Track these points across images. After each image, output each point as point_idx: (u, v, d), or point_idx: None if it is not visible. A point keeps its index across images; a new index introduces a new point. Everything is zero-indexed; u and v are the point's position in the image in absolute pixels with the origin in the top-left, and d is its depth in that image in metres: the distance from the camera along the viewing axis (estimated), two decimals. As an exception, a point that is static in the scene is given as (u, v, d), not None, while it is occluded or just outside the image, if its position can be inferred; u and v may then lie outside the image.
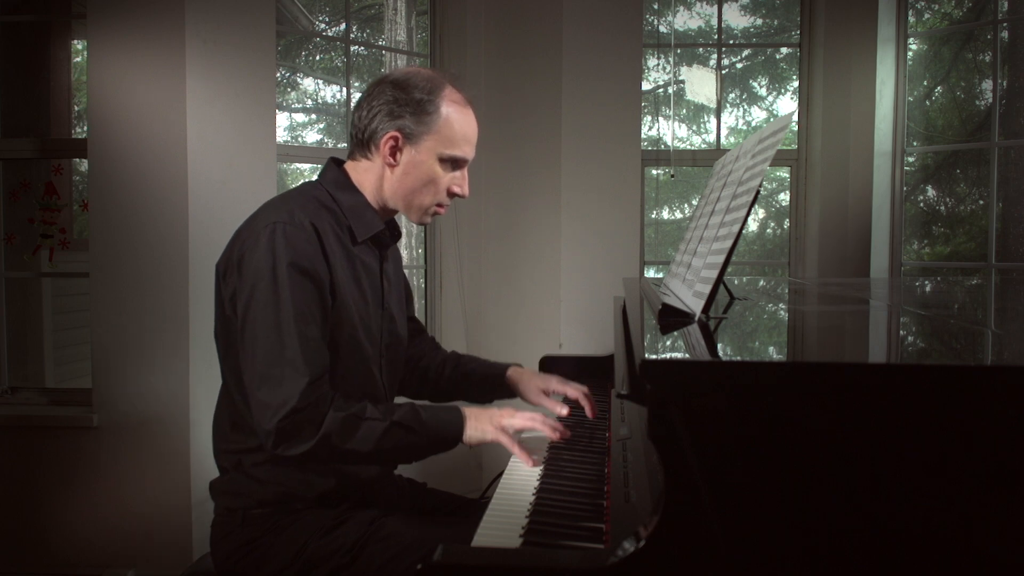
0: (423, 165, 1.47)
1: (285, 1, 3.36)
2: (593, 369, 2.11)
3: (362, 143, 1.50)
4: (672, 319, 1.20)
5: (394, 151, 1.47)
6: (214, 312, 1.47)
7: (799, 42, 3.58)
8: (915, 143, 3.62)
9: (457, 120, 1.47)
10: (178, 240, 2.59)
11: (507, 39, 3.41)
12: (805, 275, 3.50)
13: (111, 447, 2.65)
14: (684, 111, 4.80)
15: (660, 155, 3.62)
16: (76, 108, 4.41)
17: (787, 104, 4.78)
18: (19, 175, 3.14)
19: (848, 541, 0.83)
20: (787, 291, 2.06)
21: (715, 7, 3.81)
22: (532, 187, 3.37)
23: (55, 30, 4.08)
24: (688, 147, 4.38)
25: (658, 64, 4.01)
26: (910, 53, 3.51)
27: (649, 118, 4.00)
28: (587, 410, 1.62)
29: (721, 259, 1.13)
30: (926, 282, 2.75)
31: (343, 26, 3.62)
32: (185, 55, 2.57)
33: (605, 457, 1.41)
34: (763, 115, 5.00)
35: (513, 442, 1.39)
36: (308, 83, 4.44)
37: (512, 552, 1.00)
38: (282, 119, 4.35)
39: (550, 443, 1.49)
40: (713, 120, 3.98)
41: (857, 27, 3.38)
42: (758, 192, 1.13)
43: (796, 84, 3.64)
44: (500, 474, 1.37)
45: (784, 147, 3.55)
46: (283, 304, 1.33)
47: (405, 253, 3.86)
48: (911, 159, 3.63)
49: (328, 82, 4.38)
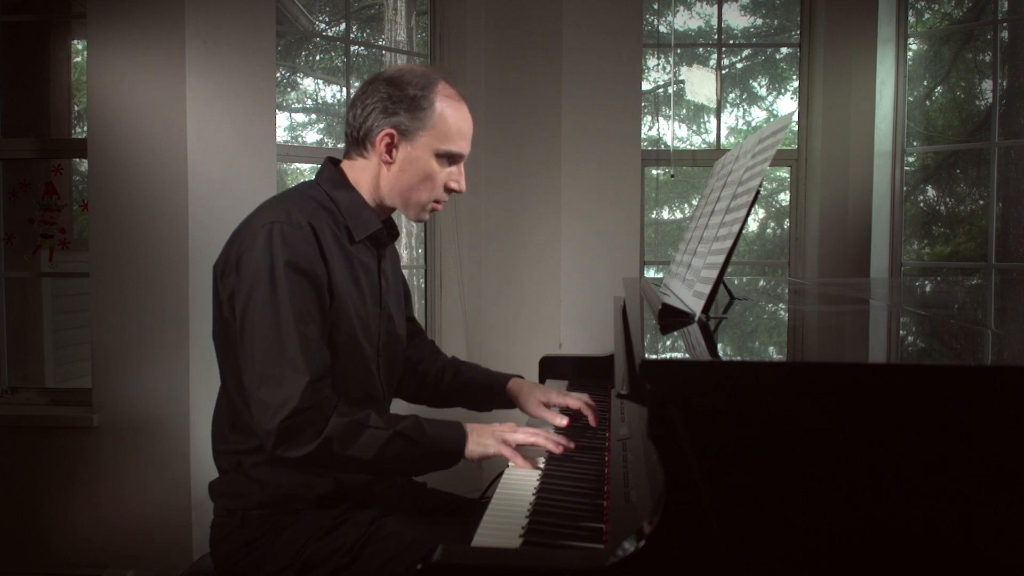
0: (419, 161, 1.47)
1: (285, 1, 3.36)
2: (593, 369, 2.11)
3: (358, 141, 1.49)
4: (672, 319, 1.20)
5: (390, 148, 1.46)
6: (212, 313, 1.46)
7: (799, 42, 3.58)
8: (915, 143, 3.62)
9: (452, 115, 1.47)
10: (178, 240, 2.59)
11: (507, 39, 3.41)
12: (805, 275, 3.50)
13: (111, 447, 2.65)
14: (684, 111, 4.80)
15: (660, 155, 3.62)
16: (76, 108, 4.41)
17: (787, 104, 4.78)
18: (19, 175, 3.14)
19: (848, 541, 0.83)
20: (787, 291, 2.06)
21: (715, 7, 3.81)
22: (532, 187, 3.37)
23: (55, 30, 4.08)
24: (688, 147, 4.38)
25: (658, 64, 4.01)
26: (910, 53, 3.51)
27: (649, 118, 4.00)
28: (590, 419, 1.61)
29: (721, 259, 1.13)
30: (926, 282, 2.75)
31: (343, 26, 3.62)
32: (185, 55, 2.57)
33: (605, 457, 1.41)
34: (763, 115, 5.00)
35: (516, 454, 1.39)
36: (308, 83, 4.44)
37: (512, 552, 1.00)
38: (282, 119, 4.35)
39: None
40: (713, 120, 3.98)
41: (857, 27, 3.38)
42: (758, 192, 1.13)
43: (796, 84, 3.64)
44: (500, 474, 1.37)
45: (784, 147, 3.55)
46: (282, 304, 1.32)
47: (405, 253, 3.86)
48: (911, 159, 3.63)
49: (328, 82, 4.38)
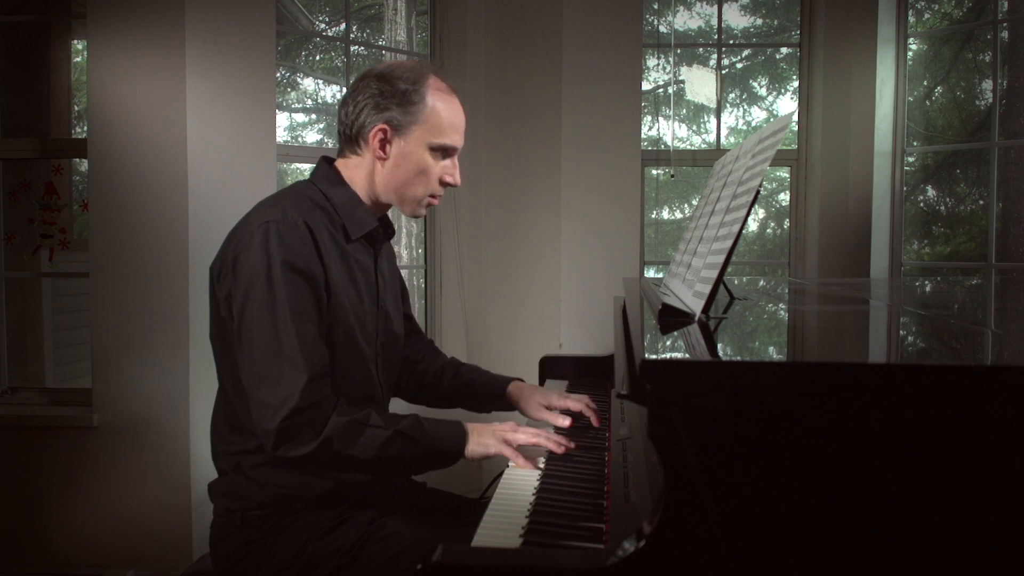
0: (413, 156, 1.46)
1: (285, 1, 3.36)
2: (593, 369, 2.11)
3: (351, 139, 1.49)
4: (672, 319, 1.20)
5: (383, 144, 1.46)
6: (209, 314, 1.46)
7: (799, 42, 3.58)
8: (915, 143, 3.62)
9: (444, 109, 1.47)
10: (178, 240, 2.59)
11: (507, 39, 3.41)
12: (805, 275, 3.50)
13: (111, 447, 2.65)
14: (684, 111, 4.80)
15: (660, 155, 3.62)
16: (76, 108, 4.41)
17: (787, 104, 4.78)
18: (19, 175, 3.14)
19: (848, 541, 0.83)
20: (787, 291, 2.06)
21: (715, 7, 3.81)
22: (532, 187, 3.37)
23: (55, 30, 4.08)
24: (688, 147, 4.39)
25: (658, 64, 4.01)
26: (910, 53, 3.51)
27: (649, 118, 4.00)
28: (592, 420, 1.61)
29: (721, 259, 1.13)
30: (926, 282, 2.75)
31: (343, 26, 3.62)
32: (185, 55, 2.57)
33: (605, 457, 1.41)
34: (763, 115, 5.00)
35: (517, 454, 1.39)
36: (308, 83, 4.44)
37: (512, 552, 1.00)
38: (282, 119, 4.35)
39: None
40: (713, 120, 3.98)
41: (857, 27, 3.38)
42: (758, 192, 1.13)
43: (796, 84, 3.64)
44: (500, 474, 1.37)
45: (784, 147, 3.55)
46: (279, 303, 1.32)
47: (405, 253, 3.86)
48: (911, 159, 3.63)
49: (328, 82, 4.38)
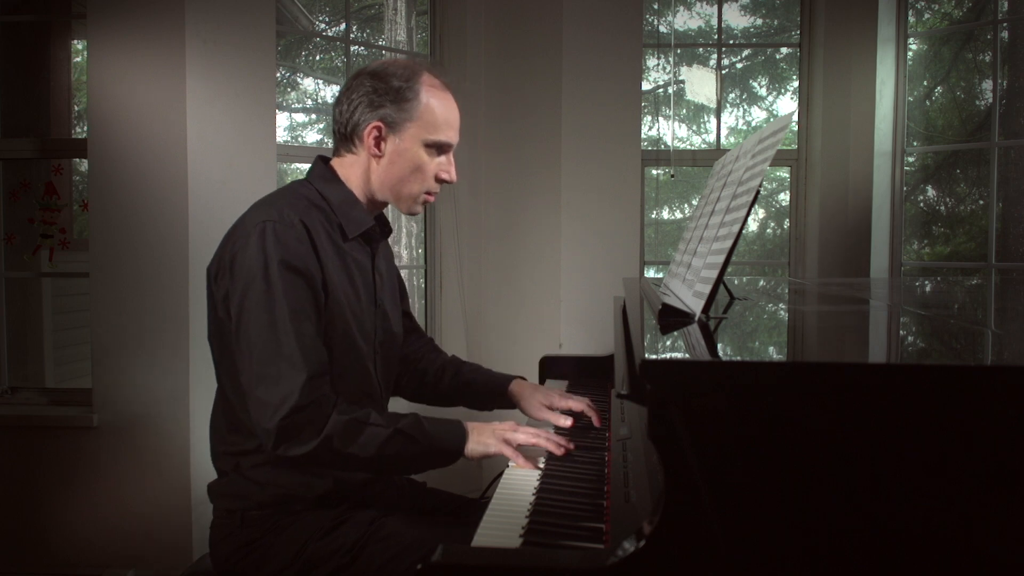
0: (408, 153, 1.47)
1: (285, 1, 3.36)
2: (593, 369, 2.11)
3: (346, 137, 1.49)
4: (672, 319, 1.20)
5: (378, 141, 1.46)
6: (207, 315, 1.46)
7: (799, 42, 3.58)
8: (915, 143, 3.62)
9: (438, 105, 1.47)
10: (178, 240, 2.59)
11: (507, 39, 3.41)
12: (805, 275, 3.50)
13: (111, 447, 2.65)
14: (684, 111, 4.80)
15: (660, 155, 3.62)
16: (76, 108, 4.41)
17: (787, 104, 4.78)
18: (19, 175, 3.14)
19: (848, 541, 0.83)
20: (787, 291, 2.06)
21: (715, 7, 3.81)
22: (532, 187, 3.37)
23: (55, 30, 4.08)
24: (688, 147, 4.38)
25: (658, 64, 4.01)
26: (910, 53, 3.51)
27: (649, 118, 4.00)
28: (594, 419, 1.61)
29: (721, 259, 1.13)
30: (926, 282, 2.75)
31: (343, 26, 3.62)
32: (185, 55, 2.57)
33: (605, 457, 1.41)
34: (763, 115, 4.99)
35: (517, 454, 1.38)
36: (308, 83, 4.44)
37: (512, 552, 1.00)
38: (282, 119, 4.34)
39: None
40: (713, 120, 3.98)
41: (857, 27, 3.38)
42: (758, 192, 1.13)
43: (796, 84, 3.64)
44: (500, 474, 1.36)
45: (784, 147, 3.55)
46: (277, 302, 1.32)
47: (405, 253, 3.86)
48: (911, 159, 3.63)
49: (328, 82, 4.37)
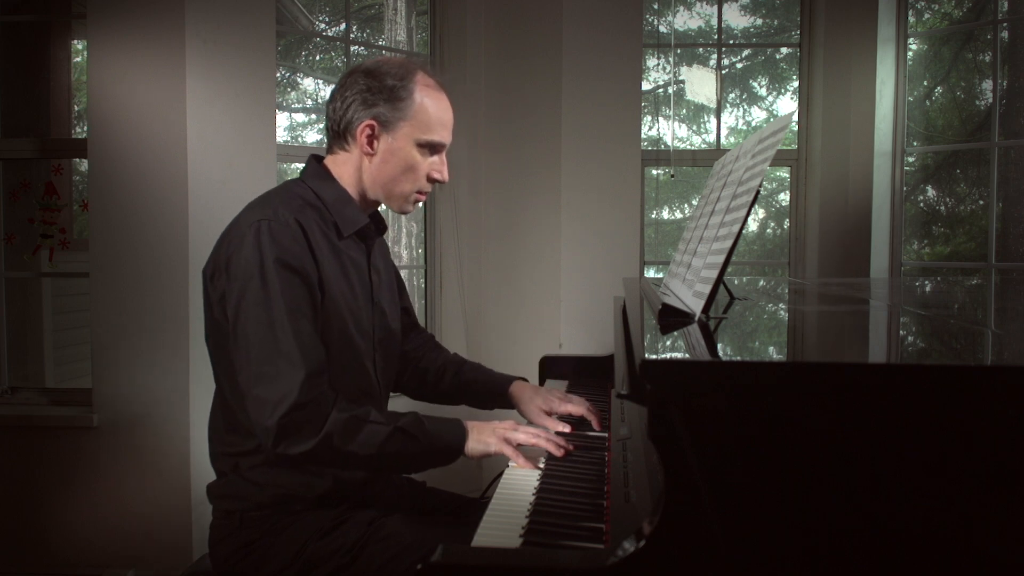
0: (401, 152, 1.46)
1: (285, 1, 3.36)
2: (593, 369, 2.11)
3: (339, 135, 1.49)
4: (672, 319, 1.20)
5: (371, 140, 1.46)
6: (204, 317, 1.45)
7: (799, 42, 3.58)
8: (915, 143, 3.62)
9: (431, 105, 1.47)
10: (178, 240, 2.59)
11: (507, 39, 3.41)
12: (805, 275, 3.50)
13: (111, 447, 2.65)
14: (684, 111, 4.80)
15: (660, 155, 3.62)
16: (76, 108, 4.41)
17: (787, 104, 4.78)
18: (19, 175, 3.14)
19: (848, 541, 0.83)
20: (787, 291, 2.06)
21: (715, 7, 3.81)
22: (532, 187, 3.37)
23: (55, 30, 4.08)
24: (688, 147, 4.38)
25: (658, 64, 4.01)
26: (910, 53, 3.51)
27: (649, 118, 4.00)
28: (593, 424, 1.60)
29: (721, 259, 1.13)
30: (926, 282, 2.75)
31: (343, 26, 3.62)
32: (185, 55, 2.57)
33: (605, 457, 1.41)
34: (763, 115, 4.99)
35: (518, 453, 1.38)
36: (308, 83, 4.44)
37: (512, 552, 1.00)
38: (282, 119, 4.35)
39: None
40: (713, 120, 3.98)
41: (857, 27, 3.38)
42: (758, 192, 1.13)
43: (796, 84, 3.64)
44: (500, 474, 1.36)
45: (784, 147, 3.55)
46: (274, 301, 1.32)
47: (405, 253, 3.86)
48: (911, 159, 3.63)
49: (328, 82, 4.38)
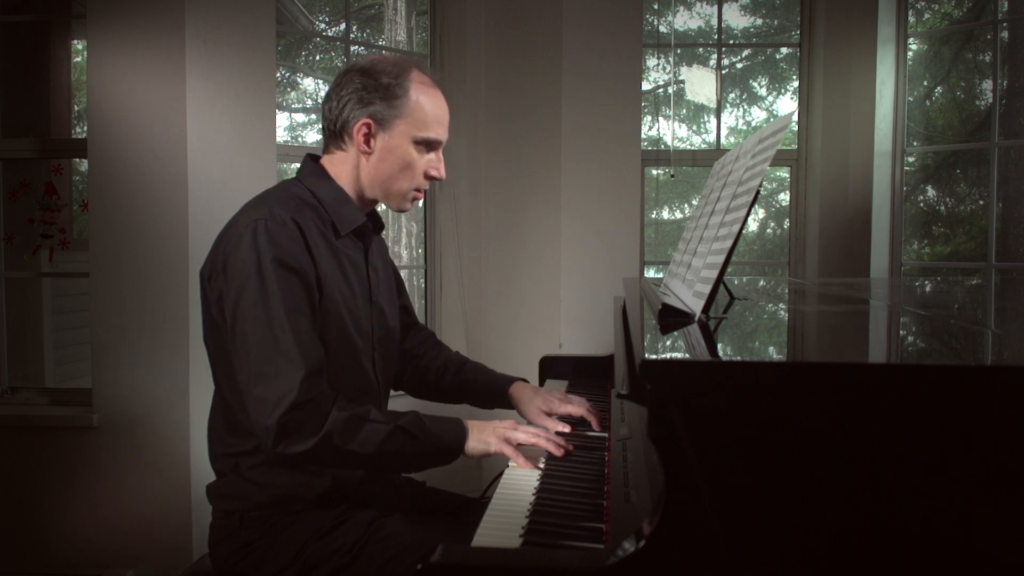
0: (398, 150, 1.46)
1: (285, 1, 3.36)
2: (593, 369, 2.11)
3: (335, 134, 1.49)
4: (672, 319, 1.20)
5: (368, 138, 1.46)
6: (201, 318, 1.45)
7: (799, 42, 3.58)
8: (915, 143, 3.62)
9: (427, 102, 1.47)
10: (178, 240, 2.59)
11: (507, 39, 3.41)
12: (805, 275, 3.50)
13: (111, 447, 2.65)
14: (684, 111, 4.80)
15: (660, 155, 3.62)
16: (76, 108, 4.41)
17: (787, 104, 4.77)
18: (19, 175, 3.14)
19: (848, 541, 0.83)
20: (787, 291, 2.06)
21: (715, 7, 3.81)
22: (532, 187, 3.37)
23: (55, 30, 4.08)
24: (688, 147, 4.38)
25: (658, 64, 4.01)
26: (910, 53, 3.51)
27: (649, 118, 4.00)
28: (593, 424, 1.60)
29: (721, 259, 1.13)
30: (926, 282, 2.75)
31: (343, 26, 3.62)
32: (185, 55, 2.57)
33: (605, 457, 1.41)
34: (763, 115, 4.99)
35: (518, 453, 1.38)
36: (308, 83, 4.44)
37: (512, 552, 1.00)
38: (282, 119, 4.35)
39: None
40: (713, 120, 3.98)
41: (857, 27, 3.38)
42: (758, 192, 1.13)
43: (796, 84, 3.64)
44: (500, 474, 1.36)
45: (784, 147, 3.55)
46: (272, 300, 1.32)
47: (405, 253, 3.86)
48: (911, 159, 3.63)
49: (328, 82, 4.37)
